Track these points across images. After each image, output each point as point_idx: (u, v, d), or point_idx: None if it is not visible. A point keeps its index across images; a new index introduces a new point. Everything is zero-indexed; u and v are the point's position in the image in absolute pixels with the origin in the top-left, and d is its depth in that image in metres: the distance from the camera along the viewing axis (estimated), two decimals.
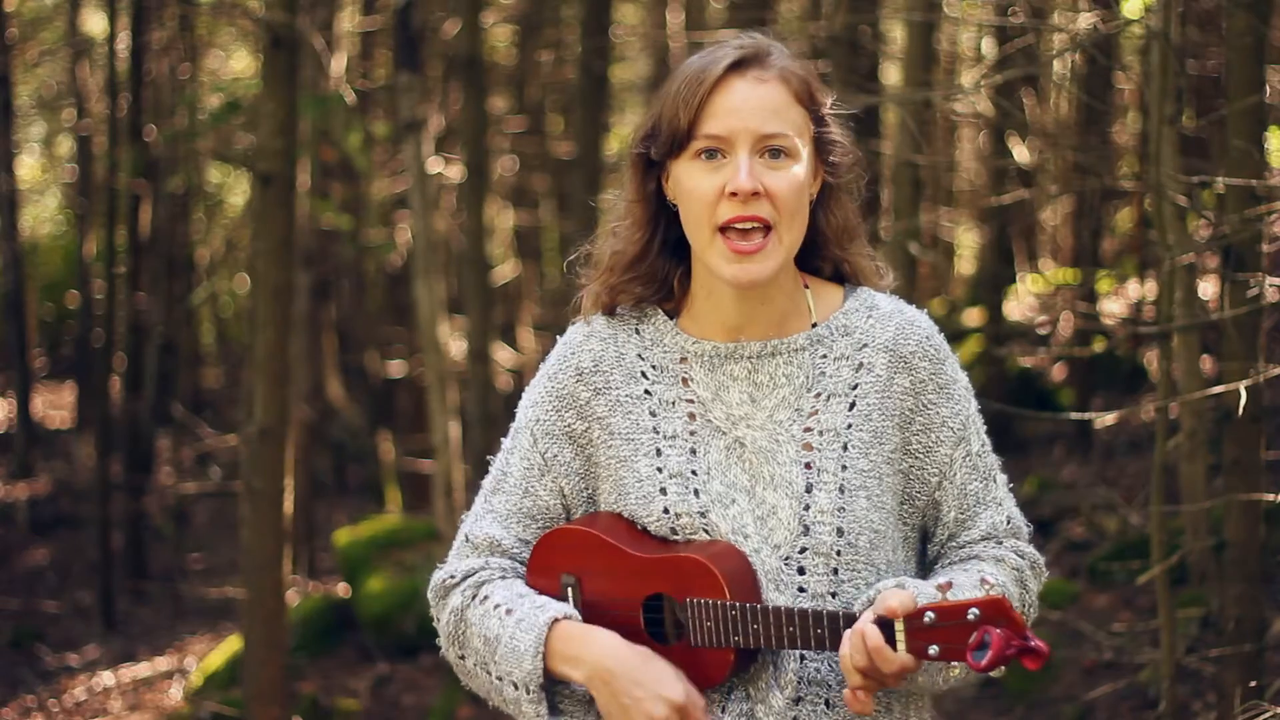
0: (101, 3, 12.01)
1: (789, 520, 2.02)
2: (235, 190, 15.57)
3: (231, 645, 7.35)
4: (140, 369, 10.94)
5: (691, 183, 2.01)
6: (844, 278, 2.16)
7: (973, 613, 1.81)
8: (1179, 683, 4.37)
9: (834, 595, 2.01)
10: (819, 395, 2.07)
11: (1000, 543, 2.11)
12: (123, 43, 9.95)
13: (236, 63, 13.84)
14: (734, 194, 1.97)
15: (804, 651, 2.01)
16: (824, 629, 1.92)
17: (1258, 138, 3.69)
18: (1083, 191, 8.57)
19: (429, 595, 2.20)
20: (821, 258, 2.14)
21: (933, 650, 1.84)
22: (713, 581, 1.97)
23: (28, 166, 16.81)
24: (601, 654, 1.99)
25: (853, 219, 2.13)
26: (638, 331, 2.14)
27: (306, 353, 9.52)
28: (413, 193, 7.36)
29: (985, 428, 2.17)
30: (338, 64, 8.95)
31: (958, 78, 10.60)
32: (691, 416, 2.09)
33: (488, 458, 2.25)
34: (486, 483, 2.22)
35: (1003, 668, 1.83)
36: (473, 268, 7.51)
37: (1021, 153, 8.91)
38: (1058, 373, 9.63)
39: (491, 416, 7.63)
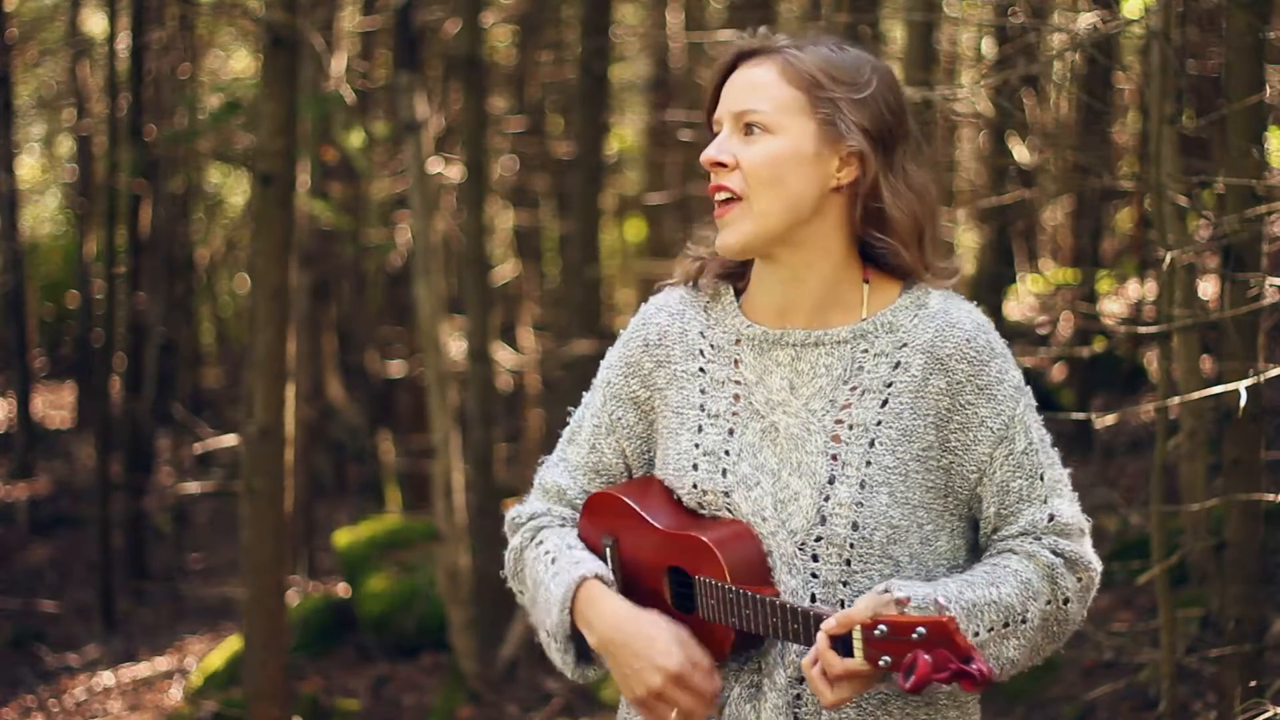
0: (101, 3, 12.01)
1: (808, 508, 2.09)
2: (235, 190, 15.57)
3: (231, 645, 7.35)
4: (140, 369, 10.94)
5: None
6: (906, 274, 2.18)
7: (918, 631, 1.86)
8: (1179, 683, 4.37)
9: (845, 584, 2.08)
10: (854, 389, 2.13)
11: (1039, 538, 2.13)
12: (123, 43, 9.95)
13: (236, 63, 13.83)
14: (701, 162, 2.13)
15: None
16: (799, 625, 2.00)
17: (1258, 138, 3.69)
18: (1083, 191, 8.57)
19: (506, 534, 2.36)
20: (878, 249, 2.16)
21: (883, 661, 1.90)
22: (716, 564, 2.07)
23: (28, 166, 16.81)
24: (607, 623, 2.11)
25: (907, 216, 2.13)
26: (706, 310, 2.24)
27: (306, 353, 9.52)
28: (413, 193, 7.36)
29: (1040, 422, 2.19)
30: (338, 64, 8.95)
31: (958, 78, 10.59)
32: (736, 398, 2.18)
33: (569, 409, 2.38)
34: (566, 431, 2.36)
35: (946, 686, 1.89)
36: (473, 268, 7.50)
37: (1021, 153, 8.91)
38: (1058, 373, 9.63)
39: (491, 416, 7.63)
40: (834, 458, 2.10)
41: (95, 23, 13.30)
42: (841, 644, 1.93)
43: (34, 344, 14.94)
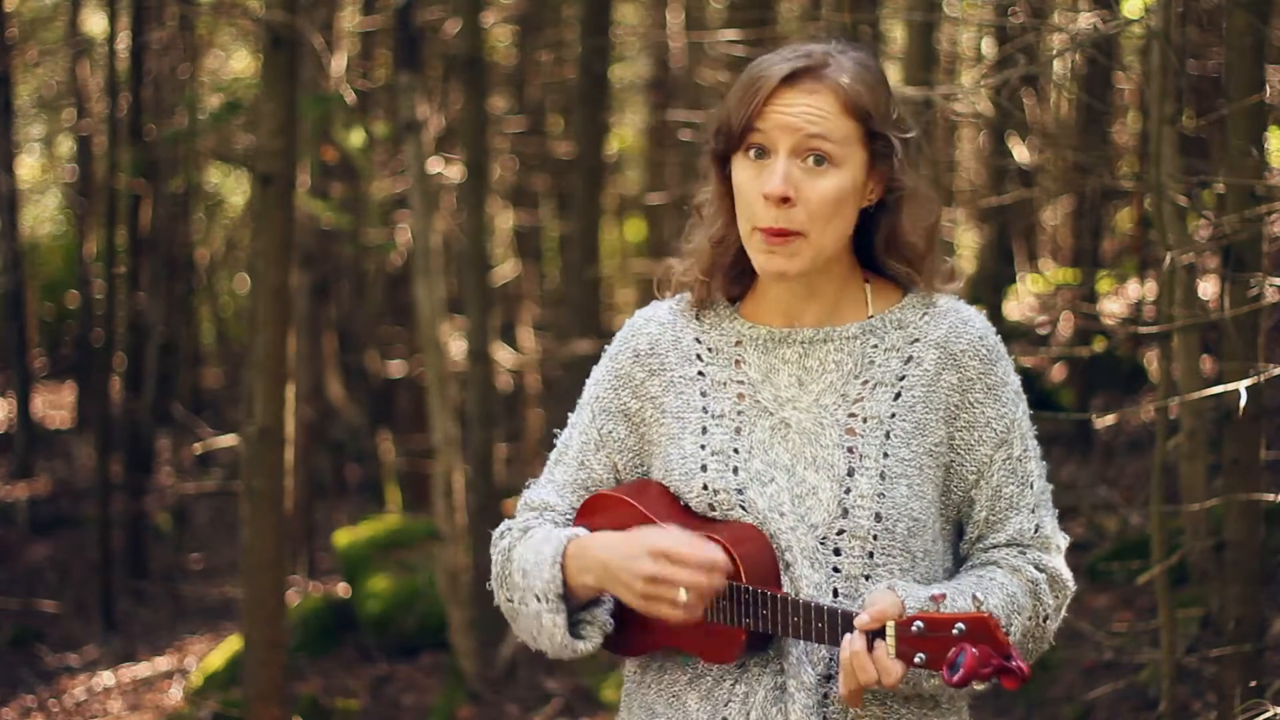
0: (101, 3, 12.01)
1: (828, 501, 2.08)
2: (235, 190, 15.57)
3: (231, 645, 7.35)
4: (140, 369, 10.94)
5: (739, 179, 2.11)
6: (908, 283, 2.20)
7: (958, 627, 1.85)
8: (1179, 683, 4.37)
9: (868, 578, 2.06)
10: (866, 383, 2.13)
11: (1024, 551, 2.14)
12: (123, 43, 9.94)
13: (236, 63, 13.83)
14: (767, 197, 2.05)
15: None
16: (824, 624, 1.98)
17: (1258, 138, 3.69)
18: (1083, 191, 8.57)
19: (491, 550, 2.30)
20: (888, 262, 2.18)
21: (919, 658, 1.89)
22: (731, 563, 2.02)
23: (28, 166, 16.80)
24: (600, 551, 2.08)
25: (917, 233, 2.16)
26: (698, 316, 2.23)
27: (306, 353, 9.52)
28: (413, 193, 7.36)
29: (1034, 433, 2.20)
30: (338, 64, 8.95)
31: (958, 78, 10.60)
32: (740, 397, 2.16)
33: (555, 430, 2.36)
34: (552, 454, 2.32)
35: (981, 684, 1.88)
36: (473, 268, 7.50)
37: (1021, 153, 8.91)
38: (1058, 373, 9.63)
39: (491, 416, 7.63)
40: (850, 450, 2.09)
41: (95, 23, 13.30)
42: (873, 640, 1.92)
43: (34, 344, 14.94)
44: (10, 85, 11.65)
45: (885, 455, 2.08)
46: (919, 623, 1.88)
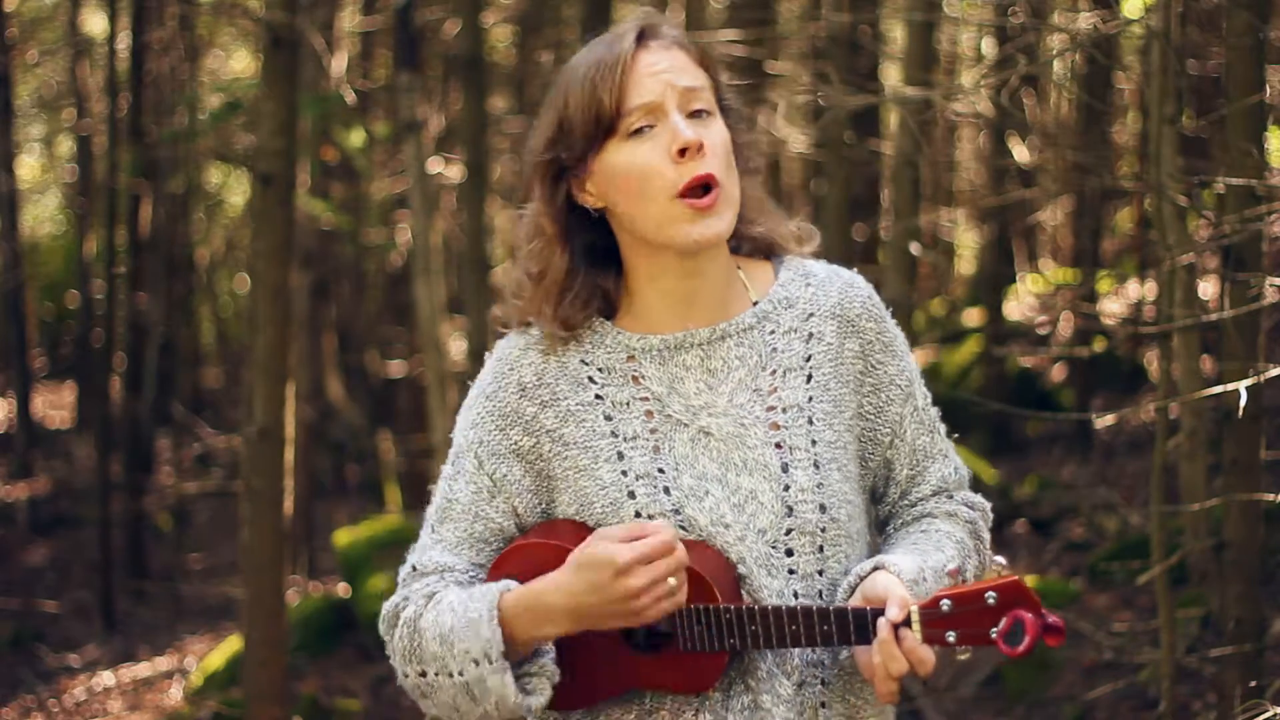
0: (101, 3, 12.02)
1: (771, 503, 1.97)
2: (235, 190, 15.57)
3: (231, 645, 7.35)
4: (140, 369, 10.95)
5: (631, 160, 1.95)
6: (768, 251, 2.11)
7: (991, 596, 1.76)
8: (1179, 683, 4.37)
9: (821, 573, 1.97)
10: (775, 372, 2.03)
11: (951, 496, 2.11)
12: (123, 43, 9.95)
13: (236, 63, 13.84)
14: (682, 151, 1.92)
15: None
16: (831, 625, 1.86)
17: (1258, 138, 3.69)
18: (1083, 191, 8.58)
19: (380, 627, 2.10)
20: (741, 235, 2.08)
21: (950, 637, 1.78)
22: (702, 586, 1.90)
23: (28, 166, 16.81)
24: (557, 599, 1.90)
25: (759, 189, 2.09)
26: (575, 339, 2.04)
27: (306, 353, 9.52)
28: (413, 193, 7.36)
29: (924, 378, 2.16)
30: (338, 64, 8.95)
31: (958, 78, 10.60)
32: (649, 414, 2.02)
33: (429, 487, 2.15)
34: (431, 513, 2.11)
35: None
36: (473, 268, 7.51)
37: (1021, 153, 8.91)
38: (1058, 373, 9.64)
39: None
40: (779, 445, 1.99)
41: (95, 23, 13.30)
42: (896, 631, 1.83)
43: (34, 344, 14.94)
44: (10, 85, 11.65)
45: (813, 443, 2.00)
46: (946, 600, 1.78)
